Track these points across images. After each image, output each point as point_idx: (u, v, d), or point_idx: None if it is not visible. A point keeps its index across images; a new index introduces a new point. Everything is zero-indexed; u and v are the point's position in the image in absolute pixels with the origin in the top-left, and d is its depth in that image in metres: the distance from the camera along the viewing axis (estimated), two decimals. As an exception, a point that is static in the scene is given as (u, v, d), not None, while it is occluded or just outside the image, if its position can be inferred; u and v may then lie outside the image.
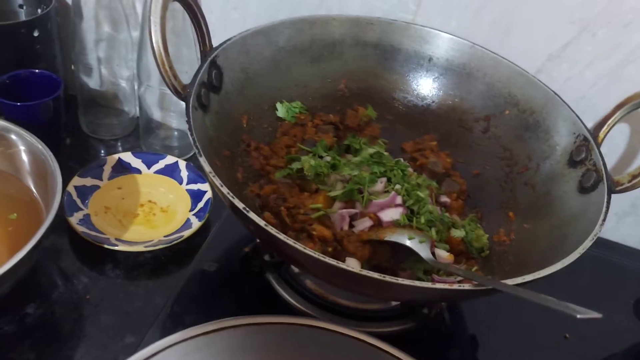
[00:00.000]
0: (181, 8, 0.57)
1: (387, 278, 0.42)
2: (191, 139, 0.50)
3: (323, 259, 0.43)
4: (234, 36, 0.63)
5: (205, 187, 0.77)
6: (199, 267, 0.69)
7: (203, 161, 0.48)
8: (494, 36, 0.71)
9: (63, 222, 0.69)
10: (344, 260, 0.55)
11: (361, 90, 0.74)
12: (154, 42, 0.50)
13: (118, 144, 0.88)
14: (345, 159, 0.65)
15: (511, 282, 0.45)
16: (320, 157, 0.65)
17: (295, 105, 0.69)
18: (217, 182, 0.47)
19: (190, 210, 0.76)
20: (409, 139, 0.73)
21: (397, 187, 0.60)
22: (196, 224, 0.72)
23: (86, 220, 0.72)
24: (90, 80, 0.85)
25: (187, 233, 0.71)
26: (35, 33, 0.77)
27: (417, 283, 0.43)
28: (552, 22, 0.69)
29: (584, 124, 0.61)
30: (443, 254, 0.57)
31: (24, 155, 0.68)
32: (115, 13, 0.79)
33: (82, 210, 0.73)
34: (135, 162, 0.80)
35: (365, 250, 0.56)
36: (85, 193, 0.75)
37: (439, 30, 0.70)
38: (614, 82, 0.70)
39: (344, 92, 0.73)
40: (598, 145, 0.59)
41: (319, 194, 0.60)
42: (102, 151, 0.86)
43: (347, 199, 0.59)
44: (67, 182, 0.73)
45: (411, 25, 0.71)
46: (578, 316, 0.38)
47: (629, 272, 0.80)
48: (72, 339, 0.60)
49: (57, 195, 0.61)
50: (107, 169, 0.78)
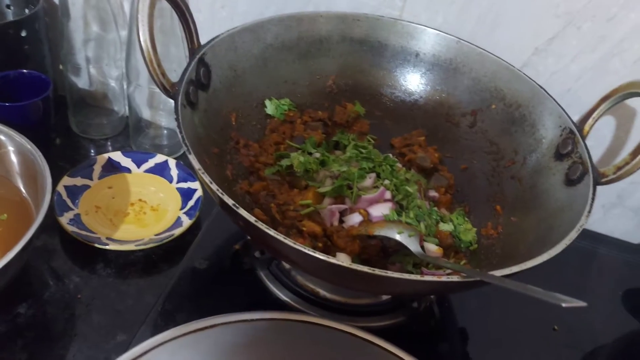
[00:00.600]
0: (169, 7, 0.57)
1: (377, 271, 0.43)
2: (180, 136, 0.50)
3: (313, 254, 0.44)
4: (222, 33, 0.63)
5: (196, 185, 0.78)
6: (190, 265, 0.69)
7: (192, 158, 0.48)
8: (480, 31, 0.72)
9: (54, 222, 0.69)
10: (335, 256, 0.55)
11: (349, 86, 0.74)
12: (142, 40, 0.50)
13: (108, 143, 0.88)
14: (334, 155, 0.66)
15: (499, 273, 0.45)
16: (310, 153, 0.65)
17: (284, 103, 0.70)
18: (207, 179, 0.48)
19: (181, 209, 0.76)
20: (398, 134, 0.74)
21: (386, 182, 0.60)
22: (187, 222, 0.73)
23: (77, 220, 0.72)
24: (79, 80, 0.85)
25: (177, 231, 0.71)
26: (23, 33, 0.77)
27: (406, 276, 0.43)
28: (537, 16, 0.69)
29: (569, 117, 0.62)
30: (432, 248, 0.58)
31: (13, 156, 0.68)
32: (103, 13, 0.79)
33: (72, 210, 0.73)
34: (125, 161, 0.80)
35: (355, 245, 0.56)
36: (75, 193, 0.75)
37: (425, 26, 0.71)
38: (599, 75, 0.71)
39: (332, 88, 0.73)
40: (583, 138, 0.60)
41: (309, 190, 0.60)
42: (92, 151, 0.86)
43: (336, 195, 0.60)
44: (57, 182, 0.73)
45: (398, 21, 0.71)
46: (563, 305, 0.39)
47: (616, 264, 0.81)
48: (64, 338, 0.61)
49: (46, 196, 0.61)
50: (97, 169, 0.78)
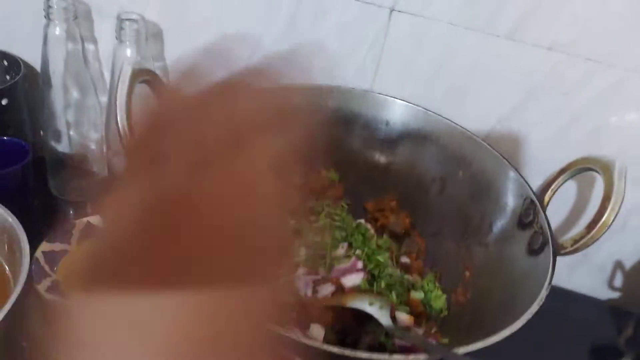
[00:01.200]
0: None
1: (346, 352, 0.44)
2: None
3: (284, 333, 0.45)
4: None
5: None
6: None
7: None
8: (448, 100, 0.76)
9: (33, 289, 0.69)
10: (309, 326, 0.57)
11: (324, 152, 0.77)
12: (120, 127, 0.52)
13: (88, 206, 0.89)
14: (308, 224, 0.68)
15: (464, 349, 0.47)
16: (285, 221, 0.67)
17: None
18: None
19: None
20: (371, 198, 0.77)
21: (358, 252, 0.63)
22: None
23: (55, 287, 0.72)
24: (60, 144, 0.86)
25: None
26: (4, 102, 0.79)
27: (374, 356, 0.45)
28: (501, 88, 0.74)
29: (530, 188, 0.65)
30: (403, 317, 0.60)
31: (-10, 224, 0.69)
32: (83, 80, 0.81)
33: (50, 276, 0.73)
34: (104, 225, 0.81)
35: (328, 316, 0.58)
36: (54, 258, 0.76)
37: (394, 98, 0.74)
38: (559, 143, 0.75)
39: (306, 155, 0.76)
40: (544, 208, 0.63)
41: (283, 260, 0.62)
42: (72, 214, 0.87)
43: (310, 265, 0.62)
44: (36, 247, 0.74)
45: (369, 92, 0.75)
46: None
47: (584, 320, 0.84)
48: (41, 410, 0.60)
49: (24, 265, 0.61)
50: (75, 233, 0.79)
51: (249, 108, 0.29)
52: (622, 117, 0.72)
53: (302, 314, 0.58)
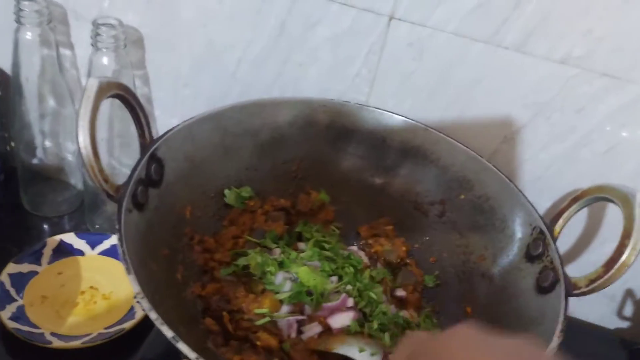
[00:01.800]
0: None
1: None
2: (120, 251, 0.46)
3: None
4: (177, 125, 0.60)
5: (152, 271, 0.73)
6: (141, 365, 0.64)
7: (132, 279, 0.44)
8: (449, 117, 0.70)
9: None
10: (291, 370, 0.51)
11: (314, 171, 0.71)
12: (83, 147, 0.47)
13: (63, 221, 0.83)
14: (295, 252, 0.62)
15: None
16: (269, 249, 0.62)
17: (245, 192, 0.66)
18: (146, 306, 0.43)
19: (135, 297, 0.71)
20: (365, 221, 0.71)
21: (349, 287, 0.57)
22: (140, 313, 0.68)
23: (19, 314, 0.67)
24: (33, 156, 0.81)
25: (128, 325, 0.66)
26: (-28, 111, 0.73)
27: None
28: (506, 106, 0.68)
29: (540, 216, 0.59)
30: (397, 361, 0.54)
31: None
32: (59, 88, 0.76)
33: (15, 301, 0.68)
34: (79, 244, 0.76)
35: None
36: (21, 281, 0.70)
37: (392, 113, 0.68)
38: (569, 164, 0.69)
39: (296, 174, 0.70)
40: (554, 240, 0.57)
41: (265, 296, 0.56)
42: (44, 230, 0.81)
43: (295, 301, 0.56)
44: (2, 269, 0.69)
45: (364, 106, 0.69)
46: None
47: (591, 348, 0.78)
48: None
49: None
50: (46, 253, 0.74)
51: None
52: (639, 137, 0.66)
53: (284, 358, 0.52)
